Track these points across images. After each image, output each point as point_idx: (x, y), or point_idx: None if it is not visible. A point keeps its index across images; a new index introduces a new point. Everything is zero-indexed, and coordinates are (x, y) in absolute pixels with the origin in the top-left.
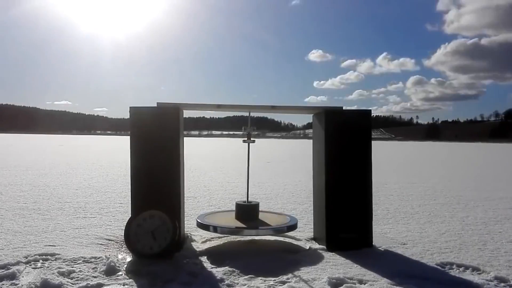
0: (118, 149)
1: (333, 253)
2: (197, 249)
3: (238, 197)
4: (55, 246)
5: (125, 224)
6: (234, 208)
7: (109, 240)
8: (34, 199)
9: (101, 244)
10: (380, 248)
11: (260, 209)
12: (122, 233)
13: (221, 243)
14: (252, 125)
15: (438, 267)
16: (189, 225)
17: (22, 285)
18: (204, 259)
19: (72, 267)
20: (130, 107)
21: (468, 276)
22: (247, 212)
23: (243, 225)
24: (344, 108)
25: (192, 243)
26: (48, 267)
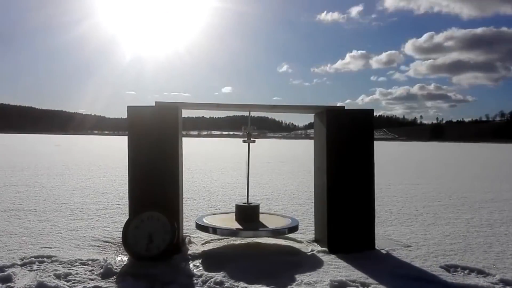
0: (116, 149)
1: (335, 256)
2: (196, 251)
3: (238, 198)
4: (51, 248)
5: (123, 226)
6: (234, 209)
7: (107, 242)
8: (30, 200)
9: (99, 246)
10: (383, 251)
11: (260, 211)
12: (120, 234)
13: (221, 245)
14: (253, 125)
15: (443, 269)
16: (188, 227)
17: None
18: (203, 261)
19: (69, 269)
20: (128, 107)
21: (473, 279)
22: (247, 214)
23: (243, 227)
24: (346, 107)
25: (191, 245)
26: (44, 270)
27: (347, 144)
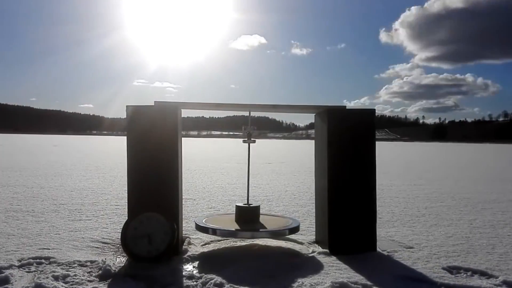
0: (114, 149)
1: (336, 257)
2: (196, 253)
3: (238, 199)
4: (49, 249)
5: (121, 227)
6: (234, 210)
7: (105, 243)
8: (28, 201)
9: (97, 247)
10: (385, 252)
11: (261, 212)
12: (119, 236)
13: (221, 246)
14: (253, 125)
15: (445, 271)
16: (188, 228)
17: None
18: (203, 263)
19: (67, 271)
20: (127, 106)
21: (476, 280)
22: (248, 215)
23: (243, 228)
24: (347, 107)
25: (190, 246)
26: (42, 271)
27: (348, 144)
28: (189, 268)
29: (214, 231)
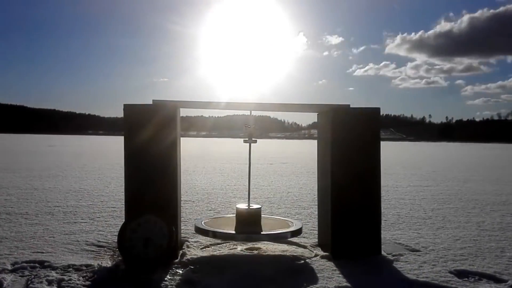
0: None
1: (340, 261)
2: (195, 256)
3: (239, 201)
4: (43, 253)
5: (118, 230)
6: (234, 213)
7: (101, 246)
8: (21, 203)
9: (93, 251)
10: (390, 256)
11: (262, 214)
12: (115, 239)
13: (221, 250)
14: (254, 124)
15: (452, 275)
16: (187, 231)
17: None
18: (202, 267)
19: (62, 275)
20: (124, 105)
21: (484, 285)
22: (249, 217)
23: (244, 231)
24: (351, 106)
25: (189, 249)
26: (36, 275)
27: (352, 144)
28: (188, 272)
29: (214, 234)
